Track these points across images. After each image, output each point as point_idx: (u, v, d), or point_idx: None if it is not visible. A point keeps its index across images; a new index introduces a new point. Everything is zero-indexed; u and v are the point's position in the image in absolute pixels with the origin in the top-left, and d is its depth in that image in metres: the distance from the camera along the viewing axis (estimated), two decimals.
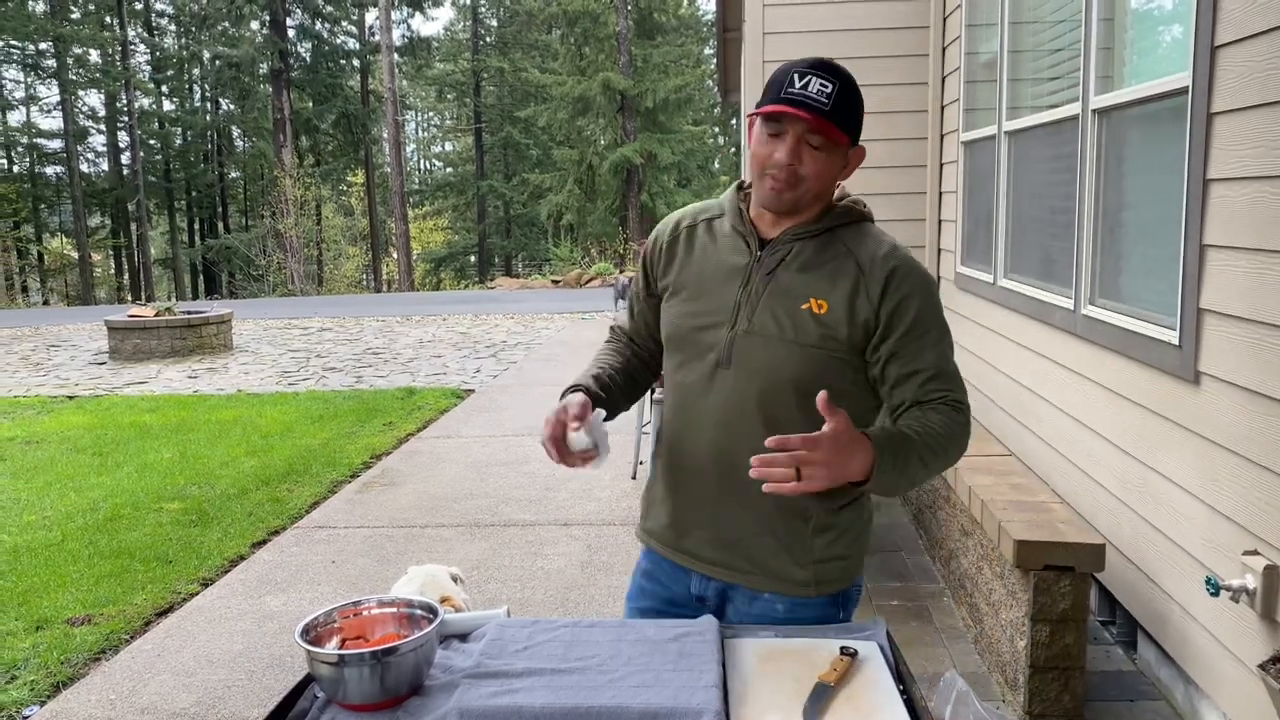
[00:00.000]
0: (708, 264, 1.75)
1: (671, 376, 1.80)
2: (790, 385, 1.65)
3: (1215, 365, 2.73)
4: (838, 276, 1.65)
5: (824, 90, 1.58)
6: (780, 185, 1.63)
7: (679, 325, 1.75)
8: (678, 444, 1.78)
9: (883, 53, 6.39)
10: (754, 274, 1.69)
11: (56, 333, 15.25)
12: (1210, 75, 2.72)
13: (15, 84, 36.60)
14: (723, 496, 1.72)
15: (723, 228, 1.77)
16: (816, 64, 1.60)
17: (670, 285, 1.79)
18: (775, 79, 1.62)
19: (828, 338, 1.63)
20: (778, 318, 1.66)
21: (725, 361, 1.68)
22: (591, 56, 32.68)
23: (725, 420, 1.69)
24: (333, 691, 1.39)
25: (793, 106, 1.57)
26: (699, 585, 1.80)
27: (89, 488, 6.06)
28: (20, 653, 3.76)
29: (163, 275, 39.69)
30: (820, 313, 1.63)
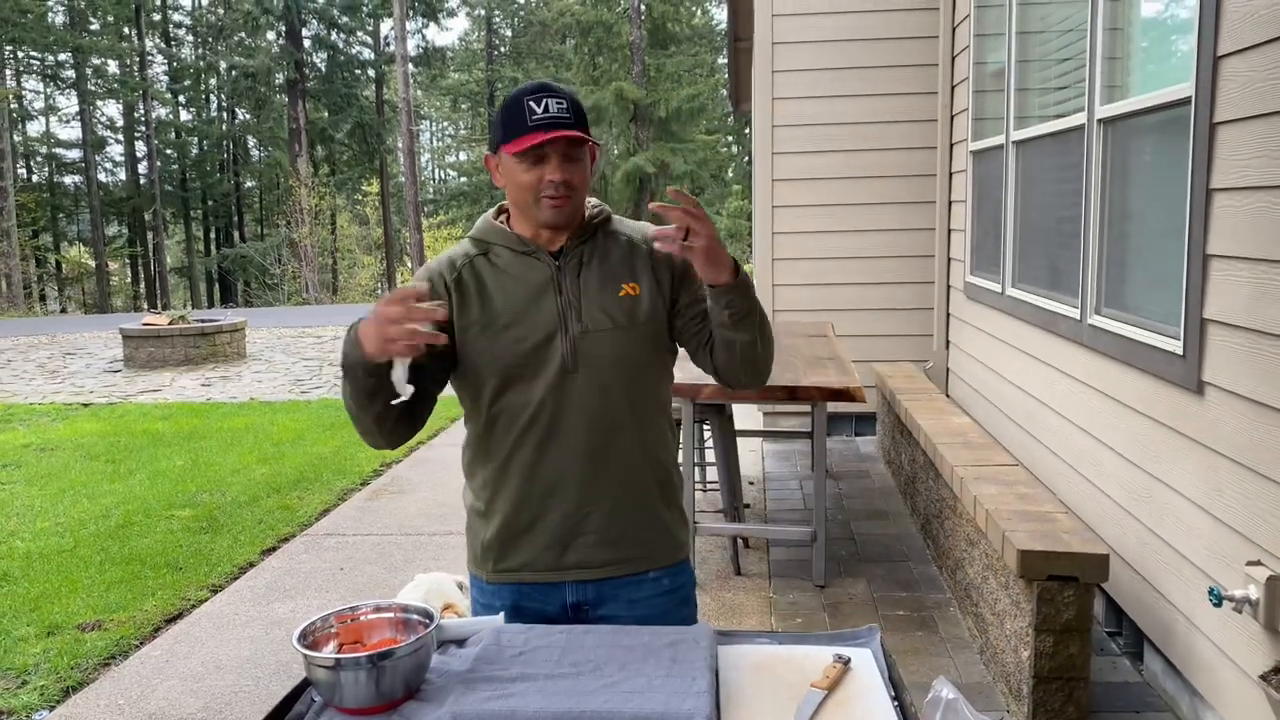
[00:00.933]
0: (509, 291, 1.77)
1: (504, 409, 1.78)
2: (638, 367, 1.80)
3: (1219, 376, 2.73)
4: (631, 260, 1.81)
5: (561, 107, 1.69)
6: (561, 200, 1.71)
7: (508, 351, 1.75)
8: (536, 467, 1.79)
9: (892, 62, 6.41)
10: (563, 281, 1.77)
11: (73, 340, 15.38)
12: (1213, 85, 2.72)
13: (35, 94, 36.99)
14: (603, 496, 1.80)
15: (501, 257, 1.80)
16: (539, 87, 1.70)
17: (474, 320, 1.76)
18: (511, 112, 1.69)
19: (649, 315, 1.79)
20: (606, 310, 1.77)
21: (572, 366, 1.75)
22: (605, 66, 32.79)
23: (589, 421, 1.76)
24: (329, 695, 1.40)
25: (548, 131, 1.66)
26: (575, 593, 1.84)
27: (101, 495, 6.11)
28: (31, 658, 3.79)
29: (179, 284, 39.95)
30: (635, 294, 1.79)
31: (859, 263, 6.63)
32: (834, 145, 6.55)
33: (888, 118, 6.47)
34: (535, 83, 1.73)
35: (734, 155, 37.10)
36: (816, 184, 6.60)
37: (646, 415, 1.83)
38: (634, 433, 1.81)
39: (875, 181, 6.55)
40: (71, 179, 37.58)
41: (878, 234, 6.60)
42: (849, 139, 6.53)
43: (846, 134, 6.54)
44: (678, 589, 1.89)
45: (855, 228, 6.61)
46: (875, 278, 6.62)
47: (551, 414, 1.76)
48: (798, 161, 6.61)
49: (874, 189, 6.56)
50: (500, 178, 1.77)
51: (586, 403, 1.76)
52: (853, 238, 6.62)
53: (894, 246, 6.60)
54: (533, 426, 1.77)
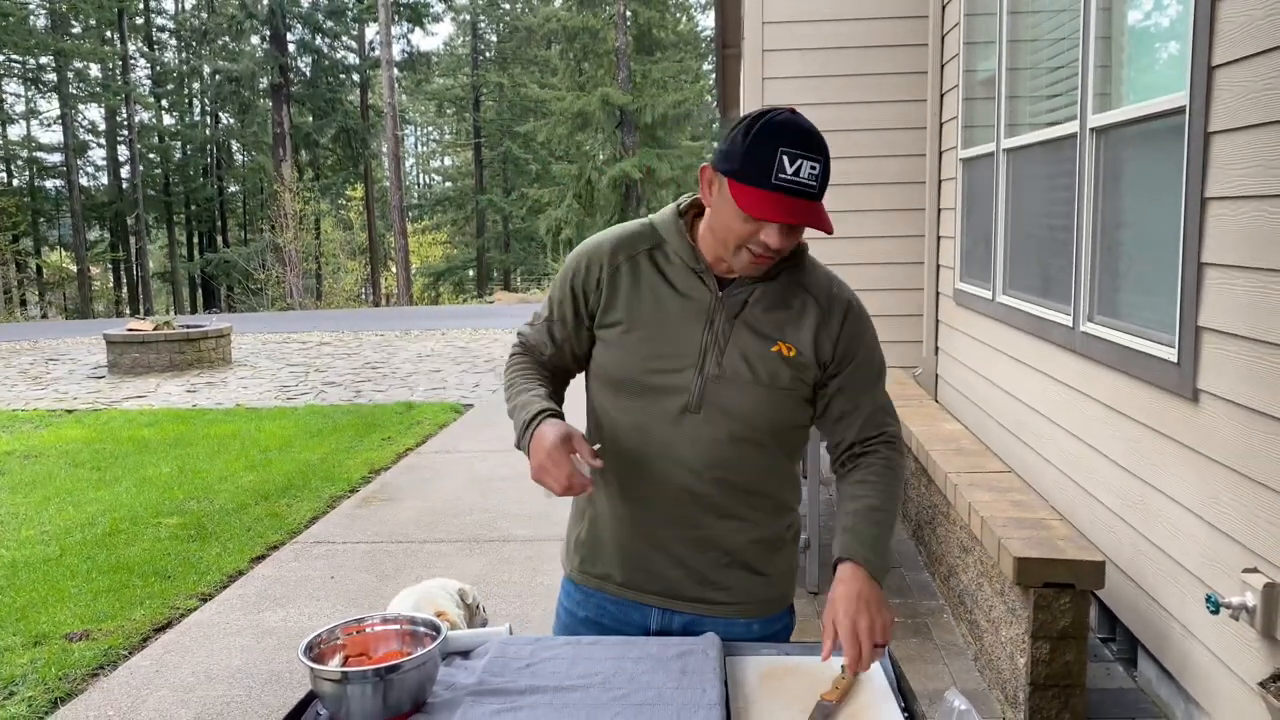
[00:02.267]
0: (664, 301, 1.65)
1: (618, 416, 1.70)
2: (763, 428, 1.66)
3: (1214, 383, 2.74)
4: (801, 317, 1.66)
5: (813, 174, 1.49)
6: (764, 261, 1.58)
7: (634, 367, 1.66)
8: (635, 489, 1.70)
9: (881, 70, 6.43)
10: (717, 315, 1.64)
11: (55, 346, 15.25)
12: (1207, 95, 2.74)
13: (15, 98, 36.72)
14: (695, 538, 1.70)
15: (668, 261, 1.67)
16: (803, 140, 1.49)
17: (617, 321, 1.68)
18: (759, 152, 1.48)
19: (798, 380, 1.65)
20: (750, 362, 1.63)
21: (694, 407, 1.63)
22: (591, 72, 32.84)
23: (695, 465, 1.65)
24: (335, 709, 1.39)
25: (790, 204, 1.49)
26: (661, 620, 1.76)
27: (87, 502, 6.05)
28: (18, 668, 3.75)
29: (161, 289, 39.71)
30: (789, 355, 1.64)
31: (847, 269, 6.52)
32: None
33: (877, 125, 6.49)
34: (797, 125, 1.50)
35: None
36: None
37: (763, 474, 1.70)
38: (745, 489, 1.69)
39: (864, 189, 6.57)
40: (53, 183, 37.31)
41: (866, 240, 6.61)
42: (838, 146, 6.49)
43: (835, 141, 6.48)
44: (769, 636, 1.78)
45: (843, 234, 6.59)
46: (863, 284, 6.56)
47: (659, 446, 1.66)
48: None
49: (862, 196, 6.58)
50: (710, 197, 1.59)
51: (699, 447, 1.64)
52: (841, 244, 6.62)
53: (883, 253, 6.61)
54: (638, 451, 1.68)
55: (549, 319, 1.77)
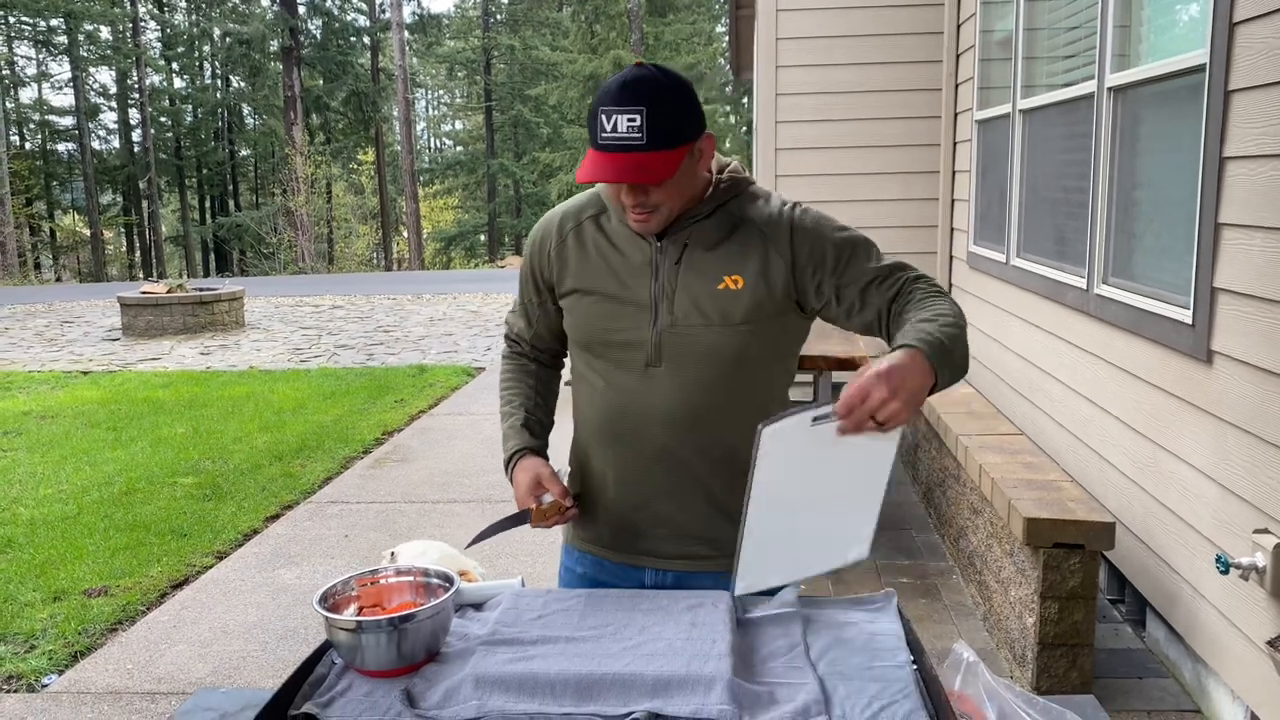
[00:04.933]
0: (609, 262, 1.68)
1: (592, 379, 1.73)
2: (730, 369, 1.64)
3: (1229, 345, 2.73)
4: (745, 247, 1.63)
5: (633, 125, 1.47)
6: (642, 218, 1.58)
7: (593, 328, 1.69)
8: (615, 449, 1.72)
9: (897, 30, 6.35)
10: (661, 265, 1.64)
11: (70, 309, 15.33)
12: (1228, 52, 2.70)
13: (27, 60, 36.62)
14: (676, 493, 1.71)
15: (611, 225, 1.70)
16: (619, 94, 1.48)
17: (572, 289, 1.71)
18: (592, 119, 1.52)
19: (752, 311, 1.62)
20: (699, 305, 1.62)
21: (655, 360, 1.64)
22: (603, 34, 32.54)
23: (669, 418, 1.65)
24: (350, 658, 1.41)
25: (612, 154, 1.48)
26: (654, 578, 1.78)
27: (103, 462, 6.12)
28: (39, 623, 3.81)
29: (174, 252, 39.77)
30: (737, 288, 1.61)
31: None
32: (837, 114, 6.51)
33: (892, 86, 6.42)
34: (618, 80, 1.49)
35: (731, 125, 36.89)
36: (819, 153, 6.56)
37: (732, 416, 1.67)
38: (715, 434, 1.68)
39: (878, 151, 6.51)
40: (65, 146, 37.30)
41: (881, 204, 6.57)
42: (853, 108, 6.49)
43: (850, 102, 6.49)
44: None
45: (858, 197, 6.58)
46: None
47: (629, 404, 1.68)
48: (801, 130, 6.56)
49: (877, 158, 6.52)
50: None
51: (667, 399, 1.65)
52: (856, 207, 6.59)
53: (897, 216, 6.57)
54: (609, 412, 1.71)
55: (523, 302, 1.86)
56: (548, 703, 1.31)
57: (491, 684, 1.34)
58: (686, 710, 1.28)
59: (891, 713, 1.29)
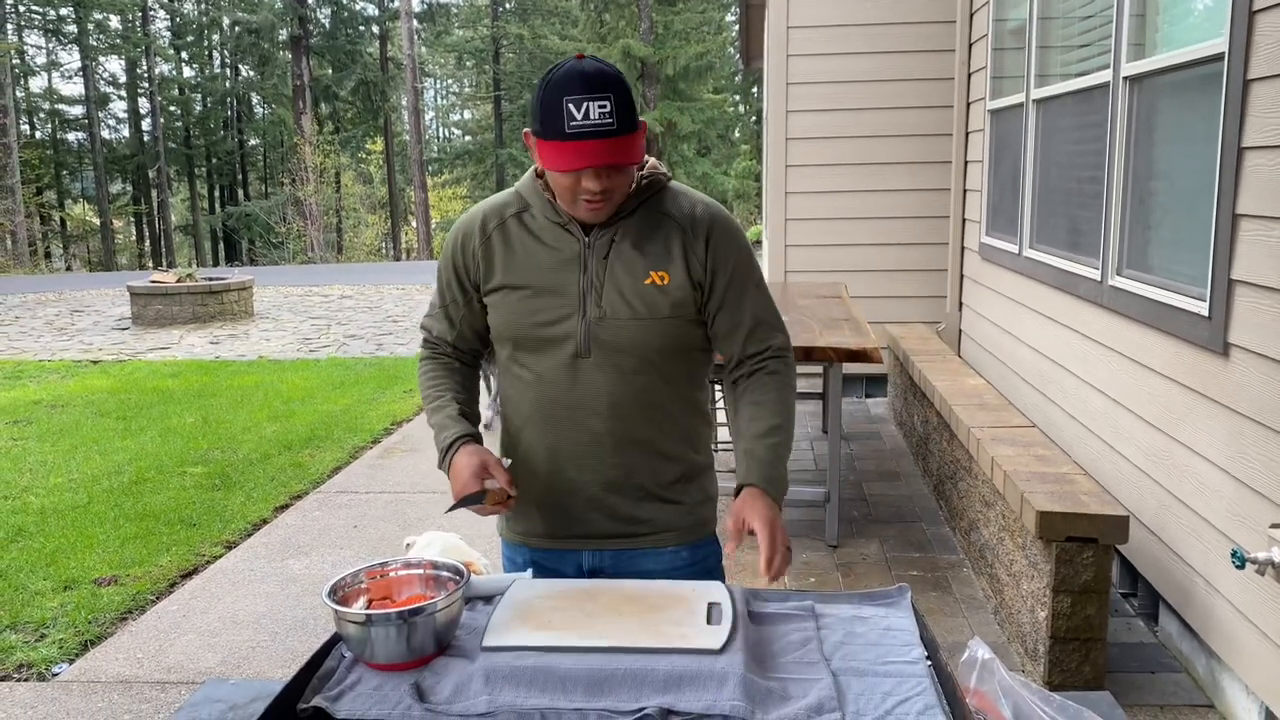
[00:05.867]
0: (536, 257, 1.71)
1: (514, 373, 1.78)
2: (656, 360, 1.72)
3: (1246, 337, 2.70)
4: (668, 244, 1.70)
5: (604, 112, 1.51)
6: (598, 205, 1.61)
7: (521, 323, 1.71)
8: (544, 441, 1.76)
9: (909, 18, 6.31)
10: (589, 259, 1.68)
11: (80, 298, 15.37)
12: (1248, 41, 2.67)
13: (37, 49, 36.67)
14: (607, 480, 1.76)
15: (536, 221, 1.72)
16: (585, 82, 1.51)
17: (499, 285, 1.73)
18: (550, 106, 1.52)
19: (677, 306, 1.70)
20: (626, 298, 1.68)
21: (584, 351, 1.69)
22: (612, 23, 32.39)
23: (597, 408, 1.72)
24: (360, 651, 1.40)
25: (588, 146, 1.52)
26: (592, 560, 1.82)
27: (113, 451, 6.13)
28: (49, 612, 3.82)
29: (184, 242, 39.82)
30: (663, 284, 1.69)
31: (872, 223, 6.57)
32: (849, 103, 6.47)
33: (904, 75, 6.38)
34: (578, 70, 1.53)
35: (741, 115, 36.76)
36: (830, 143, 6.53)
37: (663, 404, 1.76)
38: (649, 422, 1.75)
39: (890, 140, 6.48)
40: (75, 135, 37.36)
41: (892, 194, 6.53)
42: (864, 97, 6.45)
43: (862, 91, 6.45)
44: (699, 561, 1.84)
45: (869, 188, 6.54)
46: (888, 239, 6.56)
47: (559, 394, 1.73)
48: (812, 120, 6.53)
49: (888, 148, 6.49)
50: (539, 159, 1.62)
51: (597, 389, 1.71)
52: (867, 198, 6.56)
53: (908, 207, 6.54)
54: (539, 403, 1.75)
55: (443, 304, 1.84)
56: (559, 697, 1.30)
57: (502, 678, 1.33)
58: (699, 706, 1.27)
59: (906, 709, 1.28)
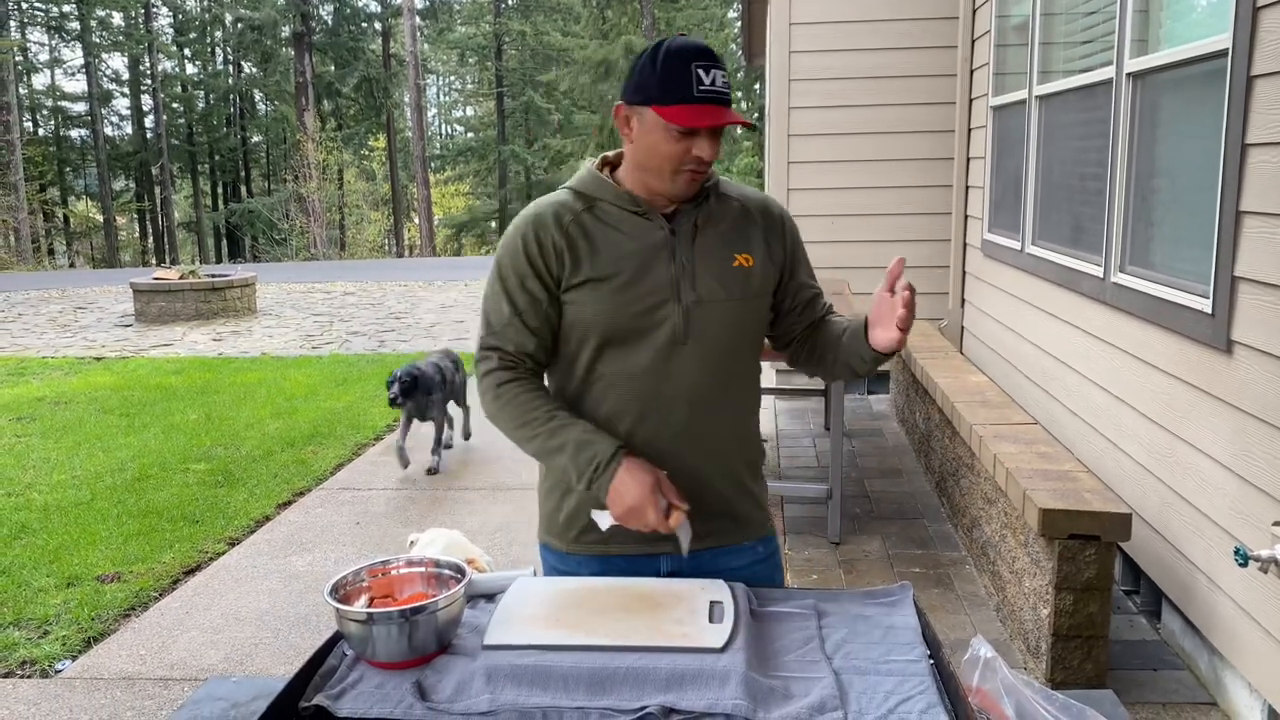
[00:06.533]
0: (621, 247, 1.67)
1: (605, 370, 1.69)
2: (746, 342, 1.75)
3: (1249, 334, 2.69)
4: (747, 228, 1.75)
5: (725, 81, 1.60)
6: (699, 175, 1.65)
7: (616, 315, 1.66)
8: (634, 435, 1.68)
9: (911, 15, 6.30)
10: (676, 246, 1.68)
11: (83, 295, 15.38)
12: (1251, 36, 2.66)
13: (40, 46, 36.68)
14: (698, 471, 1.71)
15: (609, 213, 1.70)
16: (705, 53, 1.59)
17: (586, 279, 1.66)
18: (673, 73, 1.57)
19: (763, 287, 1.75)
20: (721, 281, 1.70)
21: (682, 337, 1.67)
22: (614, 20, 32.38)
23: (694, 395, 1.69)
24: (361, 649, 1.40)
25: (717, 110, 1.58)
26: (670, 563, 1.75)
27: (117, 448, 6.14)
28: (52, 608, 3.82)
29: (186, 239, 39.84)
30: (749, 266, 1.73)
31: (875, 220, 6.56)
32: (851, 100, 6.46)
33: (906, 72, 6.36)
34: (696, 44, 1.59)
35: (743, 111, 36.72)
36: (833, 139, 6.52)
37: (743, 390, 1.78)
38: (732, 408, 1.76)
39: (892, 137, 6.47)
40: (78, 132, 37.40)
41: (894, 190, 6.52)
42: (867, 93, 6.44)
43: (864, 88, 6.44)
44: (769, 556, 1.85)
45: (872, 184, 6.53)
46: (891, 235, 6.55)
47: (654, 384, 1.68)
48: (814, 116, 6.52)
49: (891, 144, 6.48)
50: (632, 133, 1.64)
51: (691, 376, 1.68)
52: (869, 194, 6.55)
53: (910, 203, 6.53)
54: (633, 395, 1.68)
55: (516, 313, 1.70)
56: (560, 696, 1.30)
57: (504, 677, 1.33)
58: (701, 704, 1.27)
59: (909, 707, 1.28)
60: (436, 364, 5.72)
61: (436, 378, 5.60)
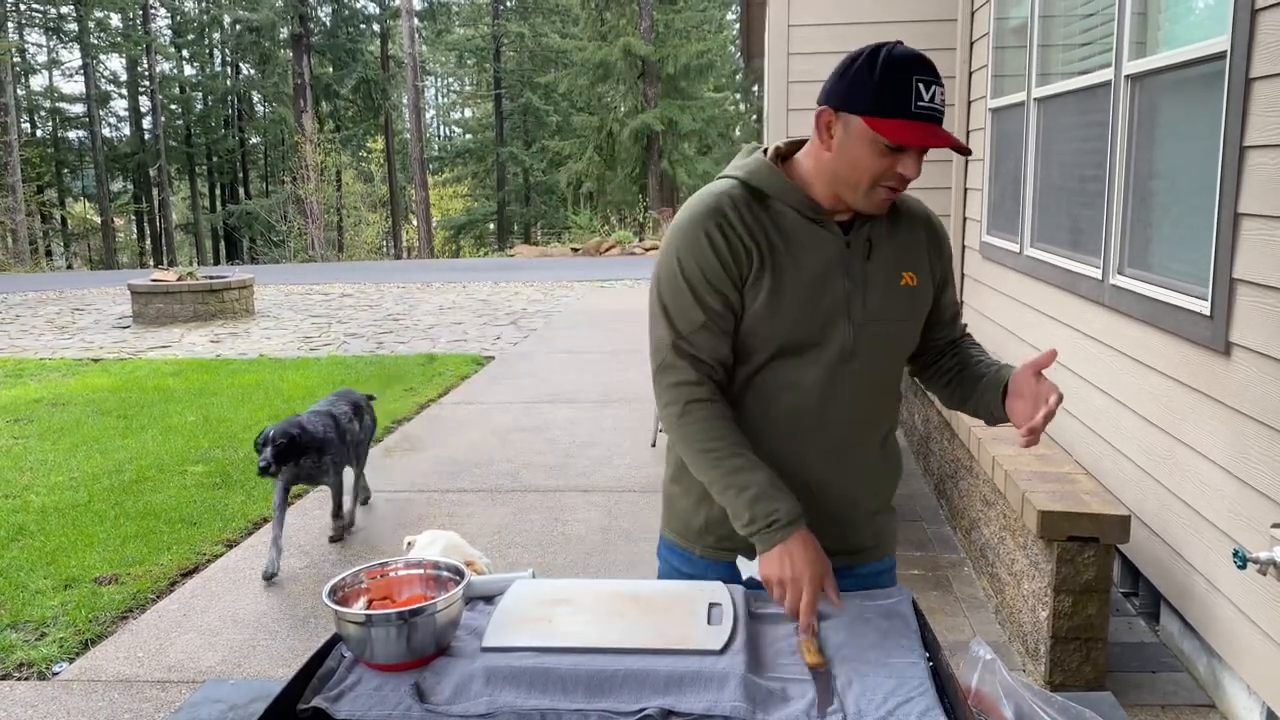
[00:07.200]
0: (796, 256, 1.59)
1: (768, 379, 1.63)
2: (902, 359, 1.72)
3: (1247, 336, 2.69)
4: (915, 244, 1.69)
5: (943, 98, 1.50)
6: (895, 195, 1.57)
7: (790, 325, 1.59)
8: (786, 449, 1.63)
9: (910, 17, 6.30)
10: (852, 261, 1.61)
11: (81, 296, 15.37)
12: (1250, 39, 2.66)
13: (38, 48, 36.67)
14: (846, 486, 1.69)
15: (784, 214, 1.60)
16: (927, 65, 1.49)
17: (770, 283, 1.58)
18: (894, 83, 1.47)
19: (922, 306, 1.70)
20: (891, 300, 1.64)
21: (850, 355, 1.61)
22: (613, 21, 32.38)
23: (852, 411, 1.64)
24: (360, 651, 1.40)
25: (935, 130, 1.48)
26: None
27: (114, 449, 6.13)
28: (49, 610, 3.81)
29: (184, 240, 39.83)
30: (914, 285, 1.67)
31: None
32: None
33: None
34: (918, 55, 1.49)
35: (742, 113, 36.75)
36: None
37: (892, 409, 1.75)
38: (883, 426, 1.73)
39: None
40: (76, 134, 37.39)
41: None
42: None
43: None
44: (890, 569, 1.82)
45: None
46: None
47: (818, 401, 1.62)
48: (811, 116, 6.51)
49: None
50: (833, 140, 1.55)
51: (855, 394, 1.63)
52: None
53: None
54: (794, 411, 1.63)
55: (707, 317, 1.59)
56: (559, 698, 1.30)
57: (503, 679, 1.33)
58: (700, 707, 1.27)
59: (907, 710, 1.28)
60: (329, 413, 4.42)
61: (328, 433, 4.29)
